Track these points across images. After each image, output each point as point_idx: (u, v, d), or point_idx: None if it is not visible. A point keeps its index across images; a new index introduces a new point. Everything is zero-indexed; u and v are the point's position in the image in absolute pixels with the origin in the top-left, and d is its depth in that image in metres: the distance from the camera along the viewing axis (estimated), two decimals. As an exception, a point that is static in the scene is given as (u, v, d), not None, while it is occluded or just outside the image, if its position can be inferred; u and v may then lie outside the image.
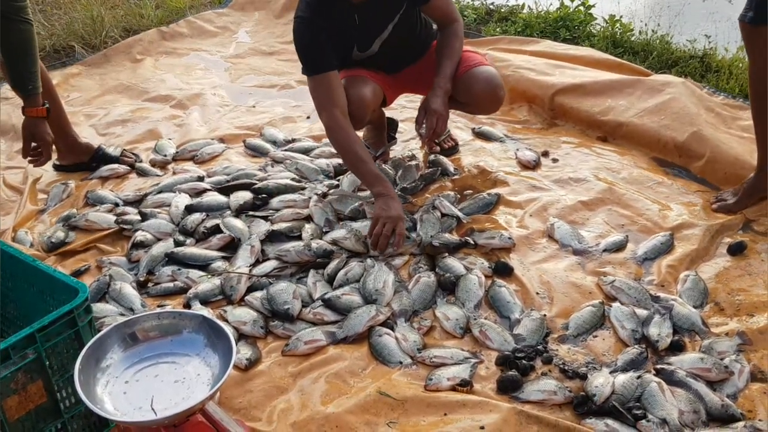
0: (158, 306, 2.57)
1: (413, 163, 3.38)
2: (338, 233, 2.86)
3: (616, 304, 2.45)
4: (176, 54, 5.08)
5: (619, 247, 2.77)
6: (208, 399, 1.67)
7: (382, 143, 3.52)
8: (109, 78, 4.69)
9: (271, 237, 2.87)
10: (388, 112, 3.61)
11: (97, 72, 4.79)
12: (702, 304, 2.47)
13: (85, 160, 3.54)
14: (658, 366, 2.20)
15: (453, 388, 2.15)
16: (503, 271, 2.66)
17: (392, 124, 3.60)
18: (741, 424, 2.00)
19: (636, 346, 2.28)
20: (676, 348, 2.28)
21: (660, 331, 2.32)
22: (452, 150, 3.56)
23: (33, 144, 2.98)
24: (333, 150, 3.55)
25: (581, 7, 4.96)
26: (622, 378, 2.12)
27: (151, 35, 5.23)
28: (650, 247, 2.76)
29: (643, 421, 2.01)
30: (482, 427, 1.99)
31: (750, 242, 2.75)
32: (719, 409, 2.04)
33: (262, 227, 2.93)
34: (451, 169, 3.37)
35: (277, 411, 2.12)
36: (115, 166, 3.52)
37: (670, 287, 2.56)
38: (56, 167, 3.57)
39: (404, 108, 4.02)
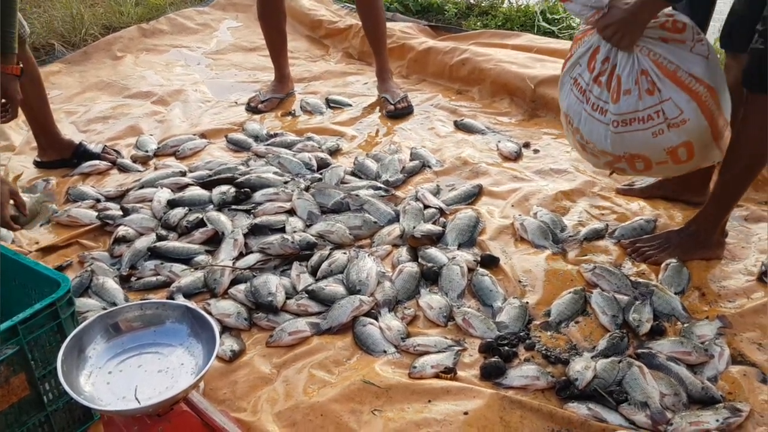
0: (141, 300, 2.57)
1: (396, 156, 3.39)
2: (322, 226, 2.87)
3: (596, 291, 2.48)
4: (157, 51, 5.04)
5: (599, 235, 2.79)
6: (191, 387, 1.68)
7: (277, 92, 4.14)
8: (89, 75, 4.65)
9: (254, 230, 2.87)
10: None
11: (77, 69, 4.75)
12: (683, 291, 2.50)
13: (66, 157, 3.52)
14: (639, 350, 2.23)
15: (437, 376, 2.16)
16: (489, 263, 2.67)
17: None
18: (721, 405, 2.03)
19: (617, 332, 2.30)
20: (657, 332, 2.31)
21: (640, 316, 2.34)
22: (406, 110, 3.87)
23: (2, 101, 2.94)
24: (316, 144, 3.57)
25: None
26: (603, 362, 2.15)
27: (131, 32, 5.19)
28: (628, 229, 2.81)
29: (625, 404, 2.04)
30: (466, 413, 2.01)
31: (731, 228, 2.78)
32: (700, 392, 2.07)
33: (245, 221, 2.93)
34: (433, 161, 3.39)
35: (262, 401, 2.12)
36: (97, 162, 3.50)
37: (651, 274, 2.59)
38: (37, 164, 3.55)
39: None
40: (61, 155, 3.52)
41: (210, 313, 2.42)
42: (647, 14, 2.37)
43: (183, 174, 3.35)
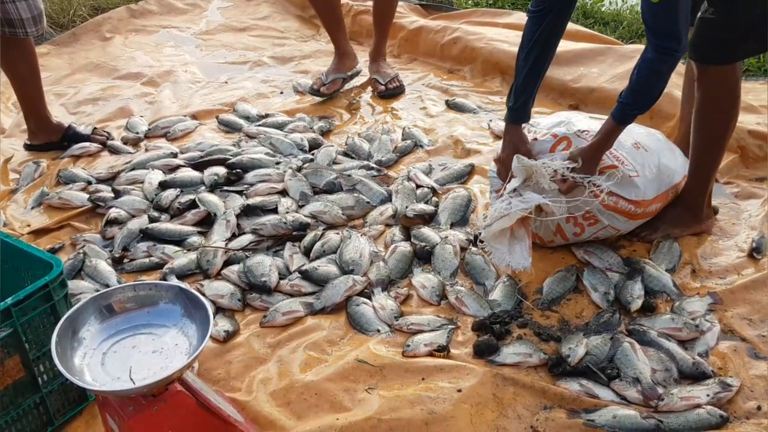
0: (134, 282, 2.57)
1: (388, 135, 3.39)
2: (315, 206, 2.87)
3: (588, 268, 2.49)
4: (146, 31, 5.01)
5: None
6: (186, 367, 1.68)
7: (340, 71, 3.95)
8: (78, 57, 4.62)
9: (247, 211, 2.87)
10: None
11: (66, 51, 4.71)
12: (674, 267, 2.51)
13: (56, 140, 3.50)
14: (631, 327, 2.25)
15: (430, 354, 2.17)
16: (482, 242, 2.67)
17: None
18: (712, 380, 2.04)
19: (608, 308, 2.32)
20: (648, 309, 2.33)
21: (632, 293, 2.35)
22: (397, 90, 3.88)
23: None
24: (306, 124, 3.56)
25: (552, -21, 4.95)
26: (595, 339, 2.16)
27: (120, 13, 5.16)
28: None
29: (617, 380, 2.05)
30: (459, 390, 2.02)
31: (722, 205, 2.79)
32: (690, 367, 2.09)
33: (237, 202, 2.93)
34: (425, 140, 3.39)
35: (257, 381, 2.13)
36: (87, 144, 3.48)
37: (643, 252, 2.60)
38: (27, 147, 3.53)
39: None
40: (50, 138, 3.50)
41: (203, 294, 2.43)
42: (611, 142, 2.37)
43: (174, 155, 3.34)
